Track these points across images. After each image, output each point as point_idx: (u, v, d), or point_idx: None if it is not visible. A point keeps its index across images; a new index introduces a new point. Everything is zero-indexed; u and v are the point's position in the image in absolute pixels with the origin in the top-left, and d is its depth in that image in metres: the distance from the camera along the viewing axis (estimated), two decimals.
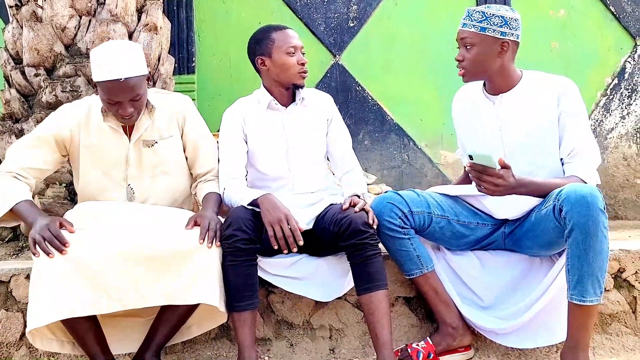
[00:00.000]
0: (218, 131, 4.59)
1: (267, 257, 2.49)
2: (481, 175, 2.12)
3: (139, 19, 3.87)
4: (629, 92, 4.75)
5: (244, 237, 2.28)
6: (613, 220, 4.54)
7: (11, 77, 3.81)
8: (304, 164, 2.68)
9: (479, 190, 2.20)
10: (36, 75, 3.68)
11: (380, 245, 2.39)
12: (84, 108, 2.53)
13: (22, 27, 3.73)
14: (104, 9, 3.70)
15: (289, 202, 2.46)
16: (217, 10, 4.82)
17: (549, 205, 2.18)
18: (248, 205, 2.39)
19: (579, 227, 2.04)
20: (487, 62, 2.36)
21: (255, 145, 2.67)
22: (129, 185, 2.51)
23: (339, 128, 2.78)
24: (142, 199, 2.52)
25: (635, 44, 4.79)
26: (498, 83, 2.42)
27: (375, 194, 4.49)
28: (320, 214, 2.48)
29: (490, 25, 2.32)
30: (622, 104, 4.75)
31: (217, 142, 2.74)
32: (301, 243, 2.32)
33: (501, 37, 2.33)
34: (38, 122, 3.58)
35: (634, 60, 4.77)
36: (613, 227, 4.11)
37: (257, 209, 2.39)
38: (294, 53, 2.57)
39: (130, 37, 3.76)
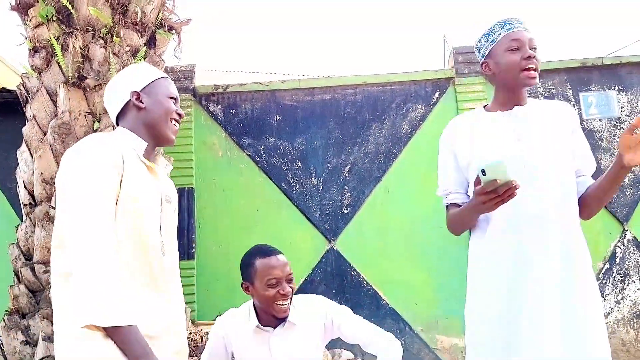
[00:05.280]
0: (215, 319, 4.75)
1: None
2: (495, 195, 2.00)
3: None
4: (621, 277, 4.90)
5: None
6: None
7: (21, 273, 4.13)
8: None
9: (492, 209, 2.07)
10: (45, 272, 4.07)
11: None
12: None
13: (34, 226, 4.08)
14: None
15: None
16: (217, 198, 5.17)
17: None
18: None
19: None
20: None
21: None
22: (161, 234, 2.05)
23: (349, 322, 2.70)
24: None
25: (624, 229, 5.00)
26: (523, 96, 2.33)
27: None
28: None
29: None
30: (616, 288, 4.88)
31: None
32: None
33: None
34: (44, 317, 3.81)
35: (623, 245, 4.97)
36: None
37: None
38: (275, 285, 2.54)
39: None
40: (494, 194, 1.99)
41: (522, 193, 2.11)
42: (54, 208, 4.06)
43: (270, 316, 2.61)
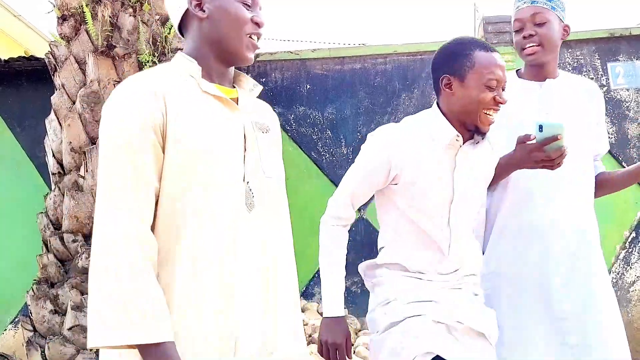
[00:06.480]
0: None
1: None
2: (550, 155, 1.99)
3: None
4: None
5: None
6: None
7: (50, 242, 4.15)
8: (467, 218, 2.11)
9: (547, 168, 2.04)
10: (74, 241, 4.08)
11: None
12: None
13: (63, 195, 4.11)
14: None
15: (443, 295, 2.01)
16: None
17: None
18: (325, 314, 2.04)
19: None
20: (556, 42, 2.23)
21: (415, 187, 2.02)
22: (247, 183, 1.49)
23: None
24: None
25: None
26: (549, 69, 2.29)
27: None
28: None
29: (558, 7, 2.25)
30: None
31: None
32: None
33: (563, 21, 2.26)
34: (73, 287, 3.83)
35: None
36: None
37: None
38: (494, 88, 1.94)
39: None
40: (544, 153, 1.97)
41: (538, 170, 2.10)
42: (83, 177, 4.08)
43: (464, 128, 2.02)
